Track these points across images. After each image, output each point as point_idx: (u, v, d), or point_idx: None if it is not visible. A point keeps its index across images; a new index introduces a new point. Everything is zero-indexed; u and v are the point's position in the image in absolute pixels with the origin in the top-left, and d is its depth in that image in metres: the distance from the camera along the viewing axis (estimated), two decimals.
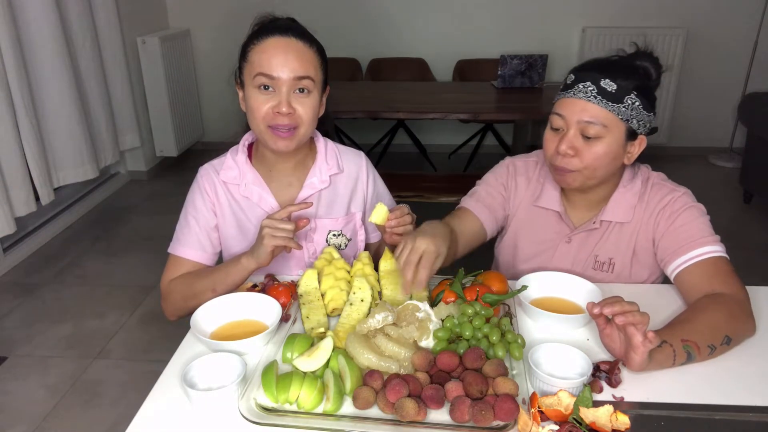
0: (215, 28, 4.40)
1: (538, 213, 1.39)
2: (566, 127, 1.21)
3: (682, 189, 1.29)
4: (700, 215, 1.24)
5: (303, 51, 1.23)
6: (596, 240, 1.33)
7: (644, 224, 1.29)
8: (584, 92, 1.19)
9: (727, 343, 1.05)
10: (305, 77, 1.22)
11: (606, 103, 1.17)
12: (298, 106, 1.23)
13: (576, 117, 1.19)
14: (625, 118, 1.18)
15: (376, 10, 4.29)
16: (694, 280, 1.18)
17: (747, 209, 3.62)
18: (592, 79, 1.19)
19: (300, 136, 1.27)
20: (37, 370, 2.26)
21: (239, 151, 1.38)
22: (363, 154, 1.47)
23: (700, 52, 4.18)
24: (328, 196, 1.40)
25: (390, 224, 1.23)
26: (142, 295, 2.76)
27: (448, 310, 1.10)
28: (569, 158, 1.21)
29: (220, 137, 4.63)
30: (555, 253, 1.37)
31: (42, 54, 3.02)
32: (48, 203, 3.09)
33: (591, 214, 1.34)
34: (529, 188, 1.41)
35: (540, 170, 1.41)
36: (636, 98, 1.18)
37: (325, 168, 1.38)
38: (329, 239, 1.41)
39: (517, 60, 3.29)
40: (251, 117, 1.26)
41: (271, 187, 1.37)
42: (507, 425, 0.87)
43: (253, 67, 1.23)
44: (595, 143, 1.19)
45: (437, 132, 4.59)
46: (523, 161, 1.44)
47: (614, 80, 1.18)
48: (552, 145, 1.24)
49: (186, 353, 1.09)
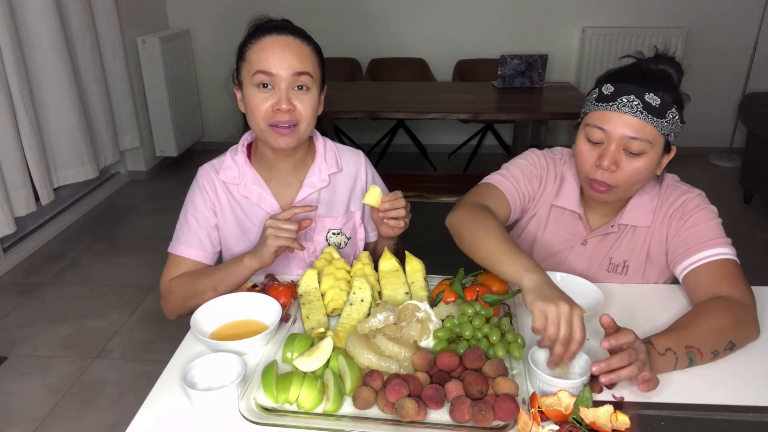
0: (215, 28, 4.40)
1: (556, 212, 1.36)
2: (608, 141, 1.16)
3: (696, 191, 1.28)
4: (713, 217, 1.24)
5: (300, 48, 1.24)
6: (612, 243, 1.32)
7: (658, 226, 1.28)
8: (629, 107, 1.13)
9: (731, 349, 1.05)
10: (304, 73, 1.23)
11: (652, 119, 1.12)
12: (297, 103, 1.24)
13: (620, 132, 1.14)
14: (666, 132, 1.15)
15: (376, 10, 4.29)
16: (702, 281, 1.17)
17: (747, 209, 3.62)
18: (636, 92, 1.13)
19: (300, 133, 1.27)
20: (37, 370, 2.26)
21: (239, 150, 1.38)
22: (362, 153, 1.48)
23: (700, 52, 4.18)
24: (328, 195, 1.41)
25: (384, 206, 1.23)
26: (142, 295, 2.76)
27: (448, 310, 1.10)
28: (610, 174, 1.17)
29: (220, 137, 4.63)
30: (570, 255, 1.35)
31: (42, 54, 3.02)
32: (48, 203, 3.09)
33: (609, 217, 1.33)
34: (554, 186, 1.36)
35: (558, 167, 1.37)
36: (676, 111, 1.15)
37: (324, 167, 1.39)
38: (329, 238, 1.41)
39: (517, 60, 3.29)
40: (251, 116, 1.26)
41: (270, 186, 1.37)
42: (507, 425, 0.87)
43: (251, 66, 1.23)
44: (638, 159, 1.16)
45: (437, 132, 4.59)
46: (551, 157, 1.38)
47: (657, 94, 1.12)
48: (590, 158, 1.19)
49: (186, 353, 1.09)
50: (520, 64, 3.30)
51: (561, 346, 0.95)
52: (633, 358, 0.92)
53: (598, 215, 1.34)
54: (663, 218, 1.28)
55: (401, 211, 1.25)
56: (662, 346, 0.99)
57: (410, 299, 1.15)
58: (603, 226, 1.32)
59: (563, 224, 1.36)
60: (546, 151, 1.40)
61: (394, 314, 1.09)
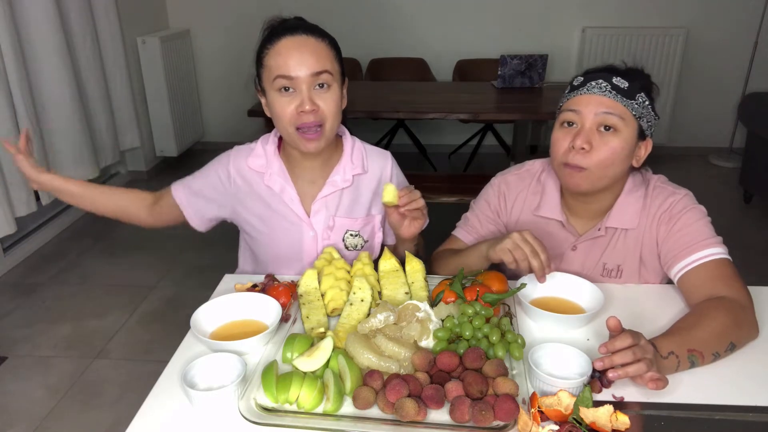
0: (215, 28, 4.40)
1: (540, 222, 1.37)
2: (581, 122, 1.20)
3: (682, 191, 1.28)
4: (702, 217, 1.24)
5: (316, 46, 1.24)
6: (602, 248, 1.32)
7: (647, 229, 1.28)
8: (599, 88, 1.19)
9: (731, 350, 1.05)
10: (323, 71, 1.24)
11: (621, 98, 1.18)
12: (320, 102, 1.25)
13: (593, 109, 1.18)
14: (637, 115, 1.19)
15: (376, 10, 4.29)
16: (697, 284, 1.18)
17: (747, 209, 3.62)
18: (604, 77, 1.19)
19: (327, 133, 1.28)
20: (37, 370, 2.26)
21: (270, 140, 1.40)
22: (389, 155, 1.47)
23: (700, 52, 4.18)
24: (350, 195, 1.41)
25: (403, 200, 1.22)
26: (142, 295, 2.76)
27: (448, 310, 1.10)
28: (583, 154, 1.19)
29: (220, 137, 4.64)
30: (562, 262, 1.36)
31: (42, 54, 3.02)
32: (48, 203, 3.09)
33: (593, 222, 1.33)
34: (526, 200, 1.39)
35: (536, 180, 1.39)
36: (645, 97, 1.20)
37: (349, 167, 1.39)
38: (346, 239, 1.41)
39: (517, 60, 3.29)
40: (277, 121, 1.28)
41: (294, 181, 1.39)
42: (507, 425, 0.87)
43: (270, 72, 1.24)
44: (612, 138, 1.18)
45: (437, 132, 4.59)
46: (515, 174, 1.42)
47: (624, 78, 1.19)
48: (564, 143, 1.22)
49: (186, 353, 1.09)
50: (520, 64, 3.30)
51: (534, 259, 1.13)
52: (639, 356, 0.92)
53: (583, 219, 1.34)
54: (652, 221, 1.28)
55: (420, 201, 1.24)
56: (665, 350, 0.99)
57: (410, 299, 1.15)
58: (590, 231, 1.32)
59: (549, 233, 1.36)
60: (509, 171, 1.44)
61: (394, 314, 1.09)
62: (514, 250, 1.14)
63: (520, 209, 1.40)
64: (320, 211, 1.38)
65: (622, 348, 0.93)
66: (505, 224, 1.43)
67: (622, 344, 0.93)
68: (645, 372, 0.92)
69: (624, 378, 0.93)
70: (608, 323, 0.97)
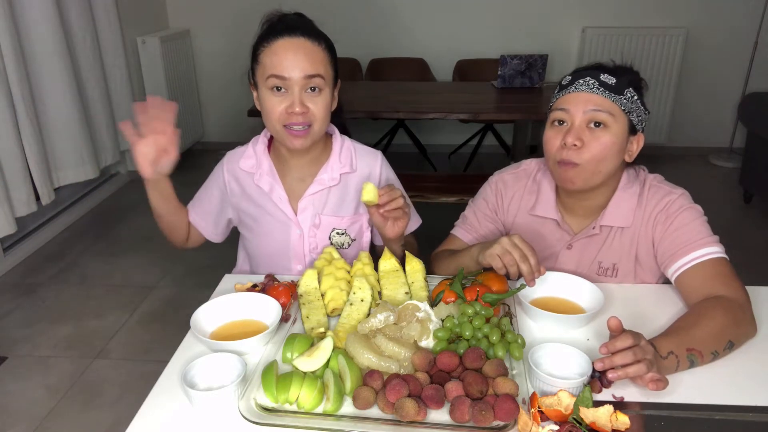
0: (215, 28, 4.40)
1: (536, 221, 1.38)
2: (571, 120, 1.22)
3: (679, 190, 1.28)
4: (698, 216, 1.24)
5: (312, 50, 1.25)
6: (598, 246, 1.32)
7: (643, 228, 1.28)
8: (587, 85, 1.21)
9: (730, 348, 1.05)
10: (316, 75, 1.25)
11: (609, 94, 1.20)
12: (310, 105, 1.26)
13: (582, 107, 1.20)
14: (626, 110, 1.20)
15: (376, 10, 4.29)
16: (694, 283, 1.18)
17: (747, 209, 3.62)
18: (591, 74, 1.21)
19: (314, 133, 1.30)
20: (37, 370, 2.26)
21: (259, 140, 1.43)
22: (379, 154, 1.47)
23: (700, 52, 4.18)
24: (338, 194, 1.41)
25: (383, 199, 1.22)
26: (142, 295, 2.76)
27: (448, 310, 1.10)
28: (575, 150, 1.20)
29: (220, 137, 4.64)
30: (557, 260, 1.36)
31: (42, 54, 3.02)
32: (48, 203, 3.09)
33: (589, 220, 1.33)
34: (522, 199, 1.40)
35: (532, 179, 1.40)
36: (634, 92, 1.22)
37: (337, 166, 1.40)
38: (332, 237, 1.41)
39: (517, 60, 3.29)
40: (266, 118, 1.29)
41: (283, 180, 1.40)
42: (507, 425, 0.87)
43: (264, 70, 1.25)
44: (603, 133, 1.19)
45: (437, 132, 4.59)
46: (512, 174, 1.43)
47: (612, 75, 1.21)
48: (556, 141, 1.23)
49: (186, 353, 1.09)
50: (520, 64, 3.30)
51: (523, 264, 1.11)
52: (639, 356, 0.92)
53: (579, 218, 1.35)
54: (647, 221, 1.28)
55: (400, 201, 1.23)
56: (664, 350, 0.99)
57: (410, 299, 1.15)
58: (585, 229, 1.33)
59: (545, 232, 1.37)
60: (506, 170, 1.45)
61: (394, 314, 1.09)
62: (503, 256, 1.13)
63: (516, 208, 1.41)
64: (307, 208, 1.40)
65: (622, 348, 0.93)
66: (503, 222, 1.44)
67: (622, 345, 0.93)
68: (645, 373, 0.92)
69: (624, 378, 0.93)
70: (609, 323, 0.97)
